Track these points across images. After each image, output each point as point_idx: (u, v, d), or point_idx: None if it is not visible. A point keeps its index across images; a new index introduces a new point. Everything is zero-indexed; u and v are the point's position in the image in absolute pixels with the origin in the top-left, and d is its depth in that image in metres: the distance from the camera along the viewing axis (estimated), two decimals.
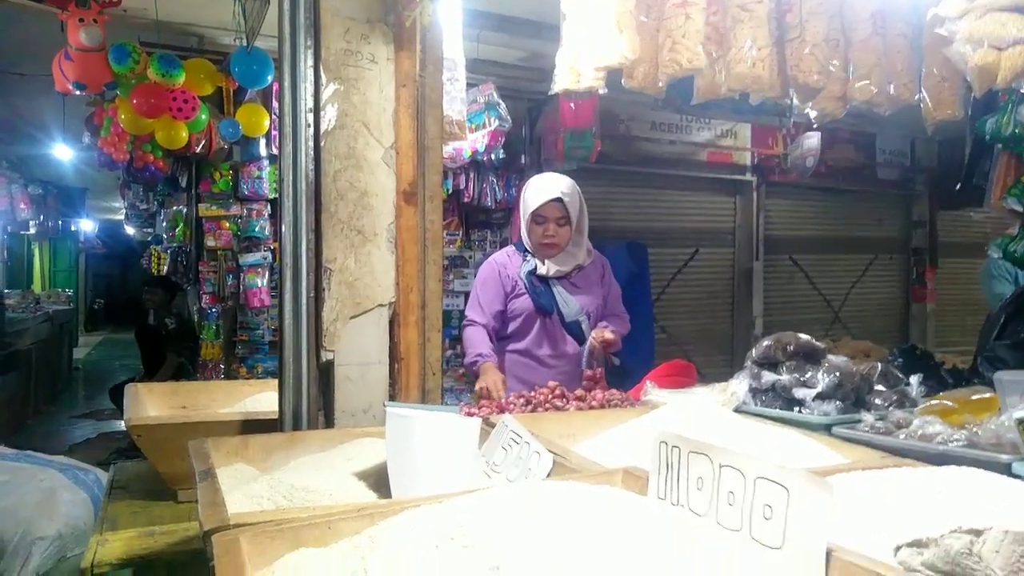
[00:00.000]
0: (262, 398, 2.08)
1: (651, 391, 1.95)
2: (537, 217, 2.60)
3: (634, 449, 1.47)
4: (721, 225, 6.63)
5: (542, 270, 2.65)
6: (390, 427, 1.17)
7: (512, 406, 2.03)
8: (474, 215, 5.54)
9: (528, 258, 2.68)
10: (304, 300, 1.60)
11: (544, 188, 2.61)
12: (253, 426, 1.69)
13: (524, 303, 2.67)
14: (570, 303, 2.69)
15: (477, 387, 2.38)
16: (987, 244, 3.54)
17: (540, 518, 0.85)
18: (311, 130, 1.57)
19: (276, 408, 1.72)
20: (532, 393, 2.17)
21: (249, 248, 4.81)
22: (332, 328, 1.68)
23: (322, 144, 1.63)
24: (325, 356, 1.68)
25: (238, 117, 4.20)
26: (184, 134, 4.04)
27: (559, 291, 2.68)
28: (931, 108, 2.22)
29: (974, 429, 1.43)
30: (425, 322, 1.81)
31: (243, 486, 1.23)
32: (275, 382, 1.85)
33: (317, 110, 1.59)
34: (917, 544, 0.52)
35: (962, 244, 7.41)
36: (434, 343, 1.83)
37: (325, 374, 1.71)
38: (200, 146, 4.37)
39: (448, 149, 4.72)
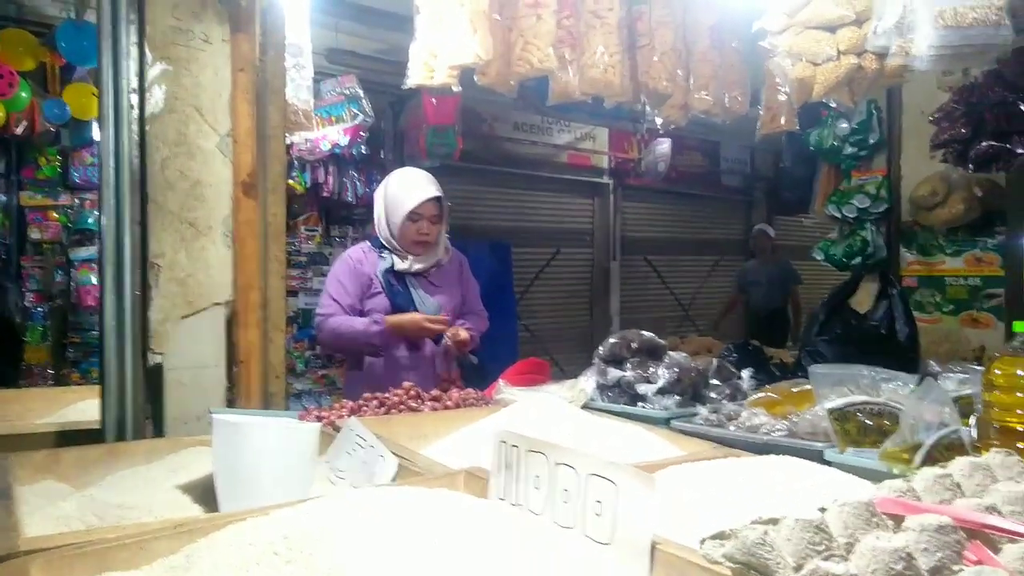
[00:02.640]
0: (86, 407, 1.90)
1: (504, 390, 1.96)
2: (413, 215, 2.54)
3: (482, 449, 1.46)
4: (580, 226, 6.84)
5: (401, 266, 2.59)
6: (217, 436, 1.09)
7: (365, 409, 1.98)
8: (335, 210, 5.38)
9: (384, 254, 2.62)
10: (128, 298, 1.47)
11: (420, 185, 2.55)
12: (72, 438, 1.53)
13: (380, 302, 2.60)
14: (428, 302, 2.65)
15: (415, 333, 2.47)
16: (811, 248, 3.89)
17: (372, 527, 0.82)
18: (135, 112, 1.44)
19: (94, 414, 1.57)
20: (386, 395, 2.13)
21: (82, 241, 4.40)
22: (161, 329, 1.56)
23: (148, 128, 1.50)
24: (153, 359, 1.56)
25: (65, 97, 3.83)
26: (0, 113, 3.63)
27: (416, 291, 2.63)
28: (767, 120, 2.39)
29: (794, 419, 1.55)
30: (267, 322, 1.72)
31: (49, 506, 1.10)
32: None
33: (142, 91, 1.46)
34: (719, 536, 0.54)
35: (796, 247, 8.08)
36: (277, 344, 1.74)
37: (154, 379, 1.58)
38: (21, 127, 3.94)
39: (304, 141, 4.55)
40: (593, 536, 0.88)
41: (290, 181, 4.87)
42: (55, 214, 4.34)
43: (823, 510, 0.59)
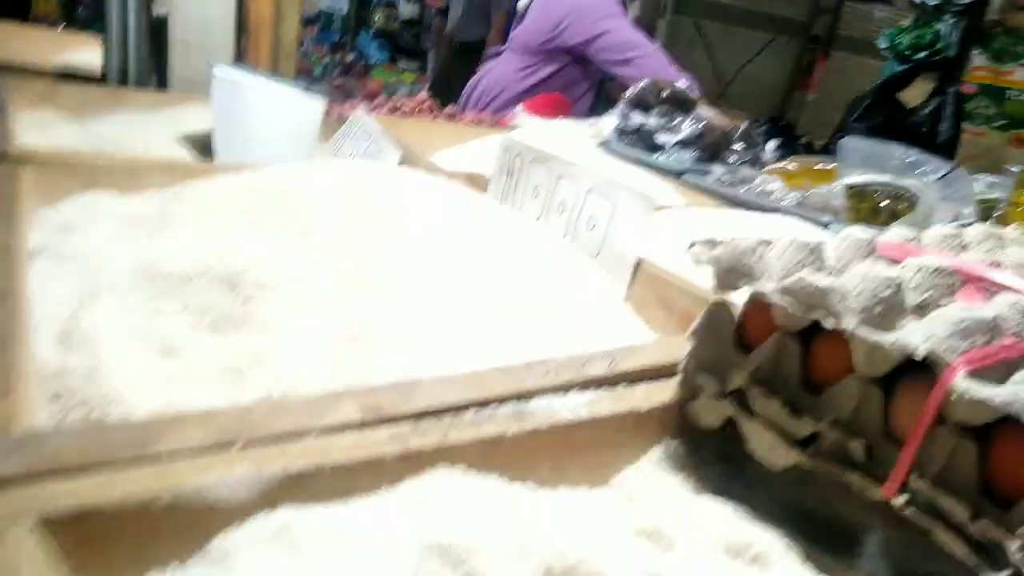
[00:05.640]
0: (89, 55, 1.83)
1: (520, 115, 1.90)
2: None
3: (486, 162, 1.44)
4: None
5: None
6: (217, 92, 1.05)
7: (377, 108, 1.94)
8: None
9: None
10: None
11: None
12: (71, 81, 1.49)
13: None
14: None
15: None
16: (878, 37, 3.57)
17: (364, 194, 0.81)
18: None
19: (100, 64, 1.51)
20: (399, 101, 2.07)
21: None
22: None
23: None
24: (157, 11, 1.47)
25: None
26: None
27: None
28: None
29: (807, 193, 1.51)
30: None
31: (45, 130, 1.09)
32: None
33: None
34: (710, 242, 0.52)
35: (858, 40, 7.46)
36: (290, 21, 1.63)
37: (158, 33, 1.50)
38: None
39: None
40: (581, 248, 0.88)
41: None
42: None
43: (816, 241, 0.57)
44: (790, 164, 1.67)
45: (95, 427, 0.39)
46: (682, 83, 2.09)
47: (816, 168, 1.64)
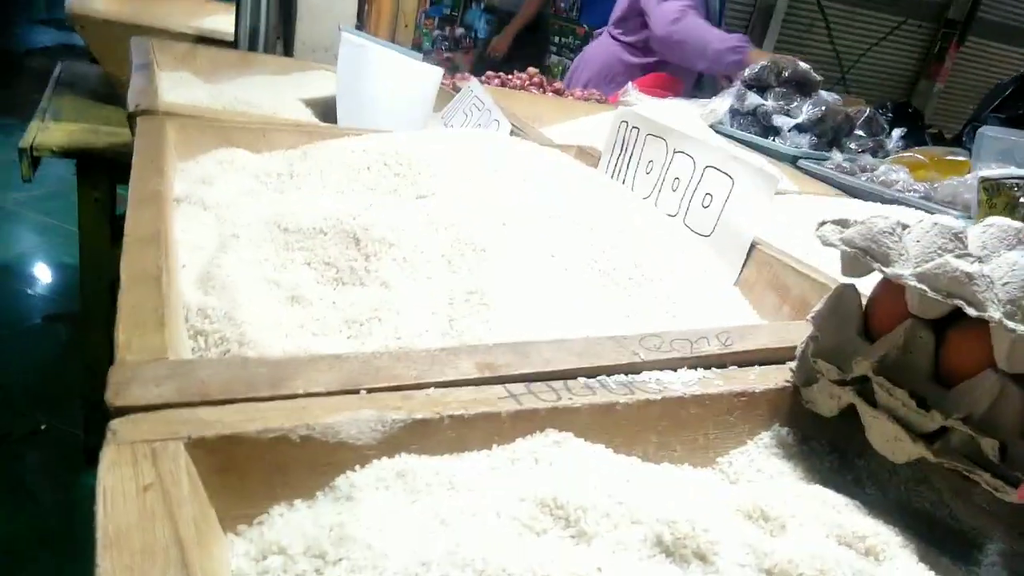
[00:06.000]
0: (223, 20, 1.93)
1: (631, 93, 1.86)
2: None
3: (596, 138, 1.43)
4: None
5: None
6: (343, 54, 1.09)
7: (488, 80, 1.96)
8: None
9: None
10: None
11: None
12: (206, 44, 1.58)
13: None
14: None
15: None
16: None
17: (479, 161, 0.82)
18: None
19: (233, 30, 1.59)
20: (509, 76, 2.08)
21: None
22: None
23: None
24: None
25: None
26: None
27: None
28: None
29: (935, 185, 1.42)
30: None
31: (183, 90, 1.16)
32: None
33: None
34: (841, 223, 0.50)
35: (1000, 25, 6.89)
36: None
37: (287, 2, 1.57)
38: None
39: None
40: (693, 227, 0.87)
41: None
42: None
43: (959, 225, 0.53)
44: (917, 154, 1.58)
45: (238, 362, 0.42)
46: (733, 41, 2.10)
47: (947, 159, 1.54)
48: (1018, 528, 0.51)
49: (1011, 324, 0.42)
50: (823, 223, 0.53)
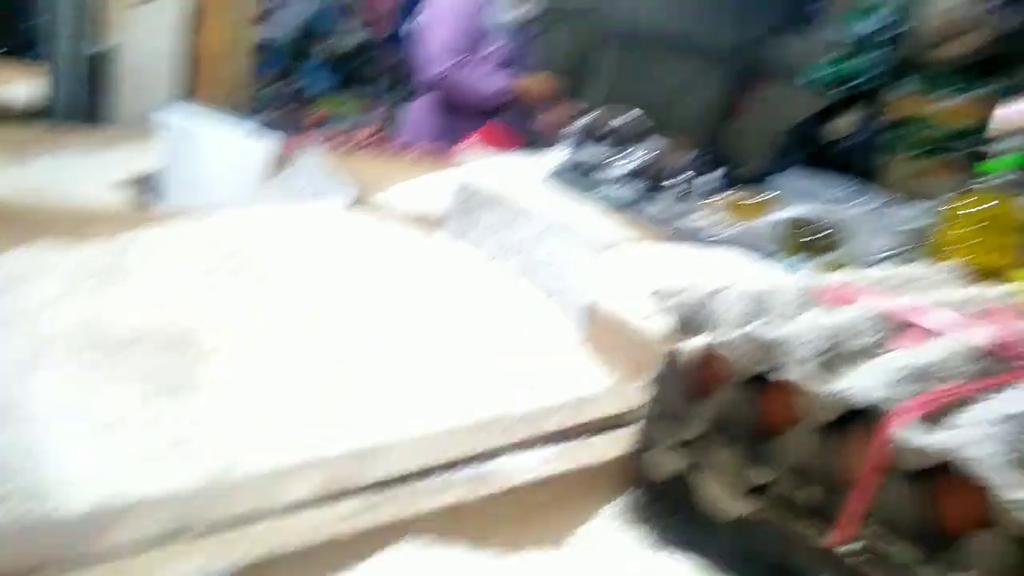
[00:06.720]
0: (27, 88, 1.78)
1: (470, 148, 1.91)
2: None
3: (440, 196, 1.44)
4: (569, 4, 6.33)
5: (515, 15, 2.55)
6: (166, 132, 1.03)
7: (327, 141, 1.94)
8: None
9: None
10: None
11: None
12: (7, 119, 1.45)
13: (499, 49, 2.51)
14: (527, 58, 2.64)
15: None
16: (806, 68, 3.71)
17: (314, 242, 0.81)
18: None
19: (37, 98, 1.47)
20: (353, 132, 2.08)
21: None
22: (110, 14, 1.42)
23: None
24: (99, 45, 1.44)
25: None
26: None
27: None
28: None
29: (750, 224, 1.56)
30: (237, 25, 1.58)
31: None
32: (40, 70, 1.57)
33: None
34: (668, 292, 0.54)
35: (784, 69, 7.69)
36: (242, 51, 1.62)
37: (99, 66, 1.47)
38: None
39: None
40: (537, 290, 0.89)
41: None
42: None
43: (763, 288, 0.59)
44: (731, 196, 1.72)
45: (35, 527, 0.37)
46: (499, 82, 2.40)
47: (757, 201, 1.69)
48: (844, 565, 0.56)
49: (808, 382, 0.46)
50: (654, 292, 0.56)
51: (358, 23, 5.03)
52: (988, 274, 1.06)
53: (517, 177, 1.63)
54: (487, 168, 1.55)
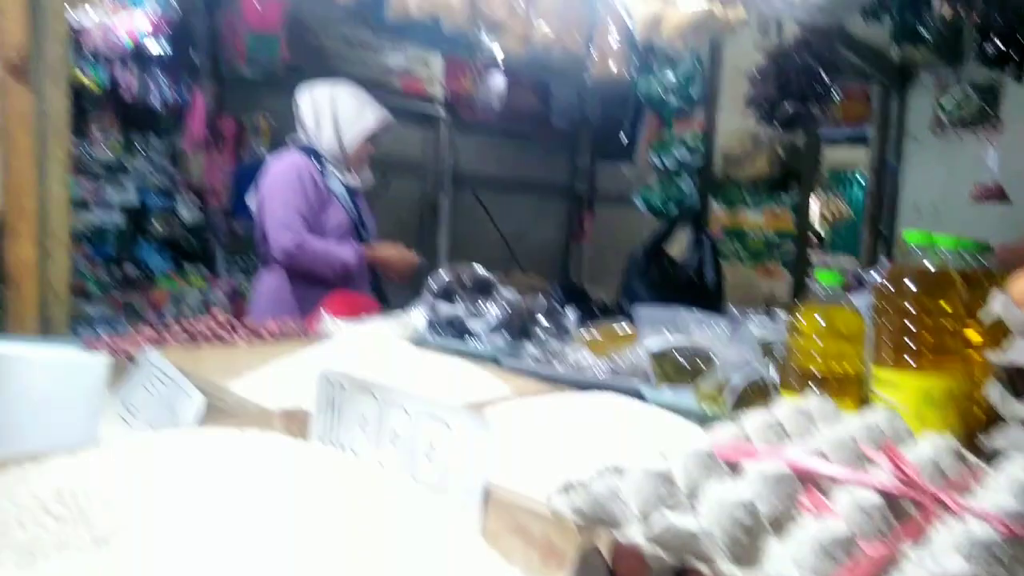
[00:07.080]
0: None
1: (327, 321, 1.85)
2: (373, 136, 2.69)
3: (302, 385, 1.36)
4: (411, 156, 6.65)
5: (354, 183, 2.66)
6: None
7: (167, 337, 1.80)
8: (138, 117, 4.78)
9: (328, 166, 2.60)
10: None
11: (375, 104, 2.69)
12: None
13: (339, 220, 2.61)
14: (369, 224, 2.82)
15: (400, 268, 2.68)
16: (632, 193, 4.06)
17: (165, 477, 0.71)
18: None
19: None
20: (192, 321, 1.95)
21: None
22: None
23: None
24: None
25: None
26: None
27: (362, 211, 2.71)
28: (599, 64, 2.40)
29: (616, 359, 1.60)
30: (46, 236, 1.46)
31: None
32: None
33: None
34: (567, 489, 0.51)
35: (614, 193, 8.42)
36: (59, 262, 1.49)
37: None
38: None
39: (98, 27, 3.99)
40: (424, 481, 0.83)
41: (84, 79, 4.26)
42: None
43: (664, 457, 0.58)
44: (593, 331, 1.77)
45: None
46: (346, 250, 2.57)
47: (618, 334, 1.75)
48: None
49: (736, 572, 0.44)
50: (550, 496, 0.53)
51: (193, 199, 4.93)
52: (842, 382, 1.12)
53: (379, 347, 1.58)
54: (346, 344, 1.50)
